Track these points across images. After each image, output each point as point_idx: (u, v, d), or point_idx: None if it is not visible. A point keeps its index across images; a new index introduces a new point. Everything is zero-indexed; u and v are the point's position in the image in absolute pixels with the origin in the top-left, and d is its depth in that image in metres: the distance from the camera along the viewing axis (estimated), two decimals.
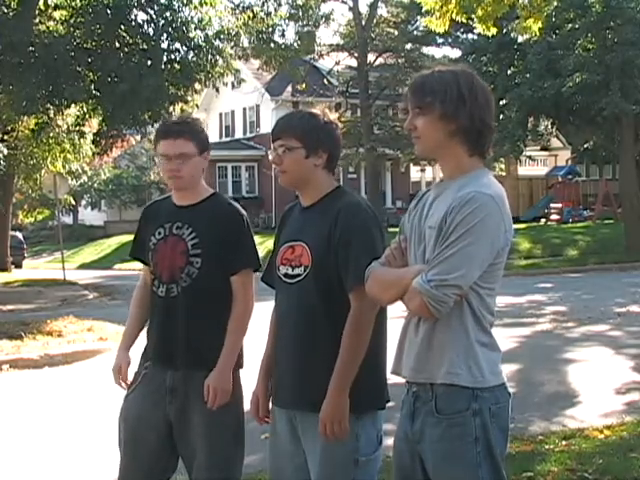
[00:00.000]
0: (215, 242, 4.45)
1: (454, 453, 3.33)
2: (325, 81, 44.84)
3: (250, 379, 4.34)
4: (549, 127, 38.44)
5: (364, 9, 43.80)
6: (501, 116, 32.50)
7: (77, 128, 27.29)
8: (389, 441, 3.71)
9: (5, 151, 27.12)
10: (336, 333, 3.79)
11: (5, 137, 28.43)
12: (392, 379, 3.73)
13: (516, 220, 39.47)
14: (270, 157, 4.08)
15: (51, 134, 27.80)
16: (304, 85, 38.58)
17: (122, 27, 23.53)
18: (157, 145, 4.57)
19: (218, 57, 24.65)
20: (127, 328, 4.77)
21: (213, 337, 4.44)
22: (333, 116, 4.12)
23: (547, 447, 7.25)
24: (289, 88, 45.46)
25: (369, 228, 3.89)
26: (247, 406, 4.34)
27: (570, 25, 30.64)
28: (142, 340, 4.66)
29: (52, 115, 24.96)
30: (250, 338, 4.56)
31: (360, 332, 3.77)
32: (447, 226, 3.25)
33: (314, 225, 3.97)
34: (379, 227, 3.95)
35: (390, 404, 3.97)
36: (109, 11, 23.13)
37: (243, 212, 4.60)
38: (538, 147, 45.85)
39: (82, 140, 28.50)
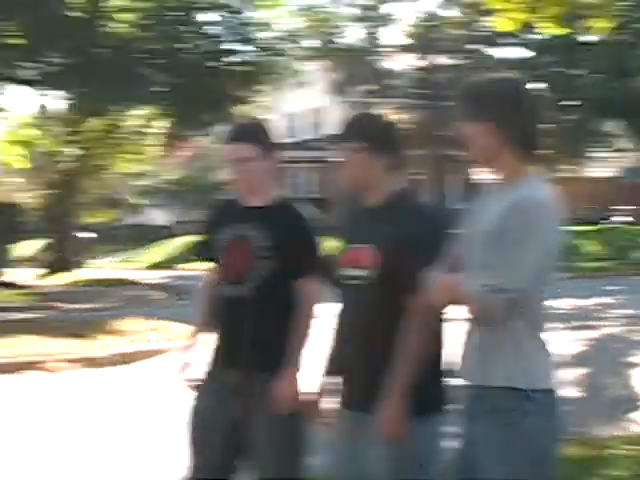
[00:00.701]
0: (284, 246, 4.44)
1: (506, 452, 3.35)
2: (391, 82, 44.77)
3: (309, 380, 4.33)
4: (618, 127, 37.98)
5: (430, 10, 43.72)
6: (567, 117, 32.20)
7: (144, 130, 27.58)
8: (451, 443, 3.69)
9: (73, 152, 27.49)
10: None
11: (73, 138, 28.81)
12: (454, 381, 3.71)
13: (583, 222, 39.11)
14: (336, 159, 4.08)
15: (119, 135, 28.13)
16: (370, 86, 38.57)
17: (187, 29, 23.71)
18: (224, 148, 4.62)
19: (283, 58, 24.75)
20: (195, 329, 4.78)
21: (278, 338, 4.44)
22: (397, 117, 4.11)
23: (611, 452, 7.16)
24: (355, 89, 45.46)
25: (436, 230, 3.87)
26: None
27: None
28: (209, 340, 4.68)
29: (120, 117, 25.25)
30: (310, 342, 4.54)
31: (418, 334, 3.75)
32: (500, 232, 3.28)
33: (379, 227, 3.96)
34: (446, 229, 3.92)
35: (452, 406, 3.94)
36: (174, 13, 23.33)
37: (312, 216, 4.62)
38: (606, 148, 45.35)
39: (149, 141, 28.79)
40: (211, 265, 4.74)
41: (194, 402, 4.63)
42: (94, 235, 52.25)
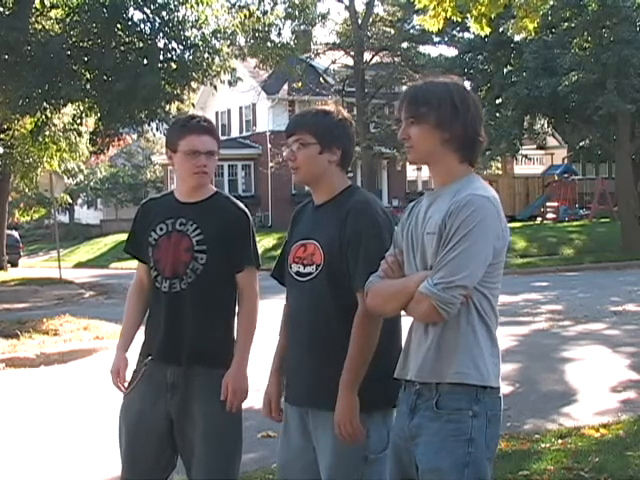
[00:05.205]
0: (220, 239, 4.45)
1: (446, 447, 3.39)
2: (321, 80, 44.81)
3: (256, 377, 4.34)
4: (545, 126, 38.47)
5: (360, 8, 43.87)
6: (497, 115, 32.51)
7: (73, 127, 27.24)
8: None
9: (1, 150, 27.10)
10: (348, 331, 3.79)
11: (1, 136, 28.39)
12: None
13: (512, 219, 39.53)
14: (284, 154, 4.08)
15: (47, 133, 27.74)
16: (300, 84, 38.60)
17: (118, 26, 23.50)
18: (180, 140, 4.51)
19: (215, 56, 24.63)
20: (124, 328, 4.73)
21: (218, 333, 4.45)
22: (347, 113, 4.15)
23: (543, 445, 7.26)
24: (285, 87, 45.49)
25: (379, 227, 3.89)
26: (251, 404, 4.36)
27: (566, 24, 30.66)
28: (140, 337, 4.66)
29: (48, 114, 24.91)
30: (256, 336, 4.56)
31: (368, 330, 3.78)
32: (447, 230, 3.35)
33: (326, 223, 3.97)
34: (389, 226, 3.94)
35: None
36: (105, 10, 23.09)
37: (247, 211, 4.62)
38: (534, 146, 45.88)
39: (78, 139, 28.48)
40: (139, 262, 4.71)
41: (126, 400, 4.60)
42: (25, 234, 51.68)
